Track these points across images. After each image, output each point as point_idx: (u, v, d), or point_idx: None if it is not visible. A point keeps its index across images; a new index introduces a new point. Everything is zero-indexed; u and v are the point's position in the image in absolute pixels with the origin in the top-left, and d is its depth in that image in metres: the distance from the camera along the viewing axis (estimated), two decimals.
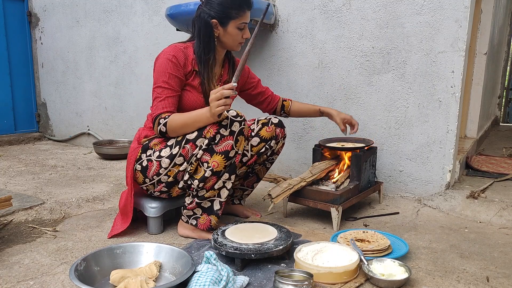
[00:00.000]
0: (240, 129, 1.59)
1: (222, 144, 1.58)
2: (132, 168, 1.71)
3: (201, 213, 1.69)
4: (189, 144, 1.61)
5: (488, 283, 1.35)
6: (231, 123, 1.57)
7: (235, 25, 1.70)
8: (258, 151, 1.85)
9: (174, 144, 1.63)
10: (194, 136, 1.60)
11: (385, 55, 2.32)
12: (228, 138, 1.57)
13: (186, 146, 1.61)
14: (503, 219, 1.93)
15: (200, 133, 1.60)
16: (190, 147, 1.61)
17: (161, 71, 1.65)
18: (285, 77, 2.68)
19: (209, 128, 1.58)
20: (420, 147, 2.28)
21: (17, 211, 2.00)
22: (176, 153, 1.62)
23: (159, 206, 1.76)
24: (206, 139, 1.58)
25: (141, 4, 3.37)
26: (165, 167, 1.64)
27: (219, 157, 1.58)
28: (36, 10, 4.19)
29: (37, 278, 1.37)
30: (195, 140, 1.60)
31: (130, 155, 1.74)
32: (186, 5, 2.44)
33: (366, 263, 1.37)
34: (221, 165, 1.59)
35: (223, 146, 1.58)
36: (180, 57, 1.67)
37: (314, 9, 2.51)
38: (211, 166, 1.59)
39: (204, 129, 1.59)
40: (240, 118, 1.59)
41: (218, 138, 1.57)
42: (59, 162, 3.24)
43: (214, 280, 1.21)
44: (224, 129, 1.57)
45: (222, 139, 1.57)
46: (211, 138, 1.57)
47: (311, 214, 2.06)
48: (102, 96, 3.83)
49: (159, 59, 1.69)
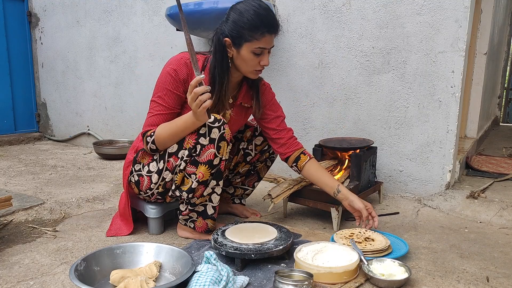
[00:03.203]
0: (221, 134, 1.49)
1: (204, 154, 1.49)
2: (127, 180, 1.70)
3: (196, 217, 1.67)
4: (172, 158, 1.54)
5: (488, 283, 1.35)
6: (210, 130, 1.48)
7: (249, 48, 1.50)
8: (261, 150, 1.84)
9: (159, 158, 1.58)
10: (175, 149, 1.53)
11: (385, 55, 2.32)
12: (209, 147, 1.48)
13: (170, 159, 1.55)
14: (503, 219, 1.93)
15: (181, 145, 1.52)
16: (173, 160, 1.54)
17: (160, 85, 1.55)
18: (285, 77, 2.68)
19: (188, 139, 1.50)
20: (420, 147, 2.28)
21: (17, 211, 2.00)
22: (162, 167, 1.58)
23: (160, 207, 1.76)
24: (186, 150, 1.51)
25: (141, 4, 3.37)
26: (155, 182, 1.61)
27: (203, 167, 1.50)
28: (36, 10, 4.19)
29: (37, 278, 1.37)
30: (177, 153, 1.53)
31: (126, 166, 1.72)
32: (186, 5, 2.44)
33: (366, 263, 1.37)
34: (206, 175, 1.52)
35: (206, 155, 1.49)
36: (182, 72, 1.53)
37: (314, 9, 2.51)
38: (197, 177, 1.52)
39: (184, 141, 1.51)
40: (218, 123, 1.48)
41: (199, 149, 1.49)
42: (59, 162, 3.24)
43: (214, 280, 1.21)
44: (204, 138, 1.48)
45: (203, 149, 1.49)
46: (190, 148, 1.49)
47: (311, 214, 2.06)
48: (102, 96, 3.83)
49: (162, 70, 1.57)
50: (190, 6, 2.42)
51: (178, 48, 3.20)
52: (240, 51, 1.52)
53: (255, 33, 1.49)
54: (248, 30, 1.48)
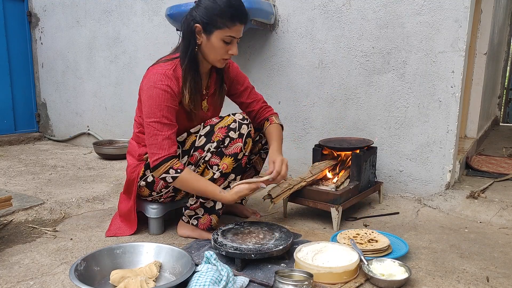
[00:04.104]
0: (248, 131, 1.60)
1: (232, 147, 1.58)
2: (135, 185, 1.69)
3: (202, 213, 1.69)
4: (198, 151, 1.61)
5: (488, 283, 1.35)
6: (240, 126, 1.58)
7: (220, 36, 1.51)
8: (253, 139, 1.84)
9: (181, 154, 1.63)
10: (203, 142, 1.60)
11: (385, 55, 2.32)
12: (237, 140, 1.58)
13: (195, 153, 1.62)
14: (503, 219, 1.93)
15: (209, 139, 1.60)
16: (198, 153, 1.61)
17: (157, 104, 1.51)
18: (285, 77, 2.68)
19: (217, 132, 1.58)
20: (420, 147, 2.28)
21: (17, 211, 2.00)
22: (185, 162, 1.62)
23: (160, 207, 1.77)
24: (214, 143, 1.58)
25: (141, 4, 3.37)
26: None
27: (229, 159, 1.59)
28: (36, 10, 4.19)
29: (37, 278, 1.37)
30: (204, 146, 1.61)
31: (132, 171, 1.70)
32: (186, 5, 2.44)
33: (366, 263, 1.37)
34: (230, 167, 1.60)
35: (233, 148, 1.58)
36: (174, 86, 1.54)
37: (314, 9, 2.51)
38: (221, 168, 1.60)
39: (213, 135, 1.59)
40: (246, 121, 1.61)
41: (227, 141, 1.58)
42: (59, 162, 3.24)
43: (214, 280, 1.21)
44: (233, 132, 1.58)
45: (231, 141, 1.58)
46: (219, 141, 1.58)
47: (311, 214, 2.06)
48: (102, 96, 3.82)
49: (151, 89, 1.52)
50: (190, 6, 2.41)
51: None
52: (210, 38, 1.53)
53: (227, 21, 1.50)
54: (221, 18, 1.49)
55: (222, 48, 1.54)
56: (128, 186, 1.73)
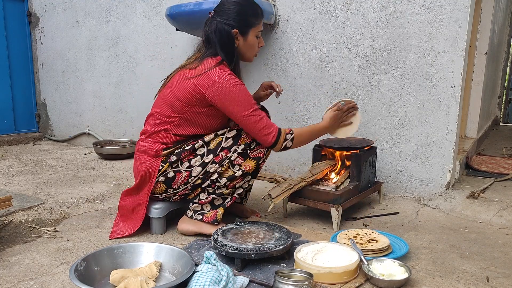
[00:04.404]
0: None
1: (256, 151, 1.71)
2: (153, 180, 1.69)
3: (209, 210, 1.73)
4: (224, 152, 1.68)
5: (488, 283, 1.35)
6: None
7: (254, 33, 1.71)
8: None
9: (206, 153, 1.67)
10: (230, 144, 1.68)
11: (385, 55, 2.32)
12: (262, 146, 1.71)
13: (221, 153, 1.67)
14: (503, 219, 1.93)
15: (236, 141, 1.69)
16: (224, 153, 1.67)
17: (246, 97, 1.65)
18: (285, 77, 2.68)
19: (244, 137, 1.69)
20: (420, 147, 2.28)
21: (17, 211, 2.00)
22: (209, 161, 1.66)
23: (163, 207, 1.77)
24: (242, 145, 1.68)
25: (141, 4, 3.37)
26: (195, 175, 1.67)
27: (252, 162, 1.70)
28: (36, 10, 4.19)
29: (37, 278, 1.37)
30: (230, 148, 1.68)
31: (147, 167, 1.69)
32: (186, 5, 2.44)
33: (366, 263, 1.37)
34: (252, 169, 1.71)
35: (257, 152, 1.71)
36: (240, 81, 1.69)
37: (314, 9, 2.51)
38: (243, 168, 1.69)
39: (240, 138, 1.69)
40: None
41: (253, 145, 1.70)
42: (59, 162, 3.24)
43: (214, 280, 1.21)
44: None
45: (257, 146, 1.71)
46: (247, 144, 1.69)
47: (311, 214, 2.06)
48: (102, 96, 3.83)
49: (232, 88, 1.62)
50: (190, 6, 2.42)
51: (178, 48, 3.20)
52: (247, 38, 1.71)
53: (257, 19, 1.71)
54: (253, 17, 1.69)
55: (256, 43, 1.75)
56: (143, 182, 1.72)
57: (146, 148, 1.73)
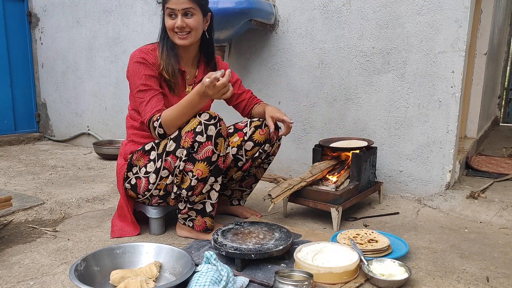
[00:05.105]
0: (217, 131, 1.53)
1: (201, 151, 1.53)
2: (123, 186, 1.70)
3: (195, 215, 1.68)
4: (170, 156, 1.57)
5: (488, 283, 1.35)
6: (206, 128, 1.52)
7: (166, 12, 1.61)
8: (253, 156, 1.83)
9: (156, 157, 1.61)
10: (173, 147, 1.56)
11: (385, 55, 2.32)
12: (206, 144, 1.52)
13: (168, 158, 1.58)
14: (503, 219, 1.93)
15: (178, 143, 1.55)
16: (171, 159, 1.57)
17: (135, 75, 1.60)
18: (285, 77, 2.68)
19: (185, 138, 1.53)
20: (420, 147, 2.28)
21: (17, 211, 2.00)
22: (160, 166, 1.60)
23: (161, 207, 1.76)
24: (184, 149, 1.53)
25: (141, 4, 3.37)
26: (153, 182, 1.63)
27: (201, 164, 1.54)
28: (36, 10, 4.19)
29: (37, 278, 1.37)
30: (175, 151, 1.56)
31: (118, 172, 1.72)
32: None
33: (366, 263, 1.37)
34: (205, 172, 1.55)
35: (203, 153, 1.53)
36: (149, 58, 1.63)
37: (314, 9, 2.51)
38: (196, 175, 1.55)
39: (181, 140, 1.54)
40: (214, 120, 1.53)
41: (196, 146, 1.52)
42: (59, 162, 3.24)
43: (214, 280, 1.21)
44: (200, 136, 1.51)
45: (200, 146, 1.52)
46: (188, 147, 1.53)
47: (311, 214, 2.06)
48: (102, 96, 3.82)
49: (129, 66, 1.64)
50: None
51: None
52: (164, 16, 1.63)
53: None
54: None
55: (168, 22, 1.61)
56: (119, 187, 1.74)
57: (121, 150, 1.76)
